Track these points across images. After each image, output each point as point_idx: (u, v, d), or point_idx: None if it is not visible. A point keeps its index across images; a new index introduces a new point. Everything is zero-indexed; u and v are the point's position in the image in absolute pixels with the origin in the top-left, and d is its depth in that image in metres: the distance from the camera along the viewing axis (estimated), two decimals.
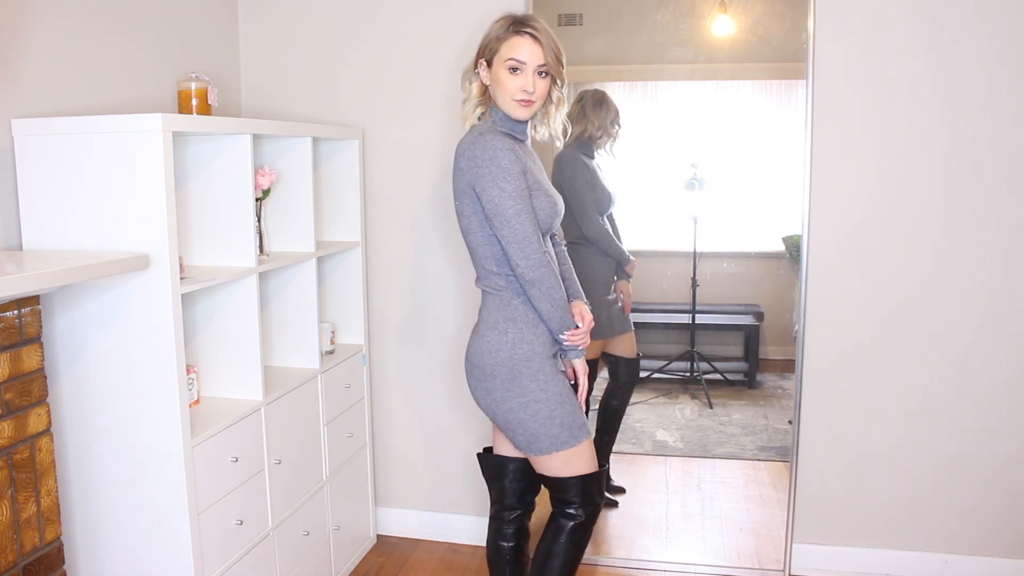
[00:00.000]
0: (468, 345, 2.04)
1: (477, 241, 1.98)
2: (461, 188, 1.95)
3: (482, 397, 2.02)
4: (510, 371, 1.95)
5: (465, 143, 1.95)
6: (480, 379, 2.00)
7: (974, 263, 2.54)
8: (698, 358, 3.41)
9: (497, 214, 1.88)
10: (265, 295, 2.48)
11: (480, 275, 2.03)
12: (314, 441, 2.54)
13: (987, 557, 2.65)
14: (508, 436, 2.03)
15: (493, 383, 1.97)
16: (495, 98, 1.98)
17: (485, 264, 1.99)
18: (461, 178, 1.94)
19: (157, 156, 1.79)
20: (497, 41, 1.94)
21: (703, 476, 3.31)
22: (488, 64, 1.97)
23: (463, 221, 1.98)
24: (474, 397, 2.05)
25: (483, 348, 1.98)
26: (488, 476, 2.18)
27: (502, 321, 1.97)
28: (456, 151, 1.96)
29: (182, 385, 1.88)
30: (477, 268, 2.03)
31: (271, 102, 2.91)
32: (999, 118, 2.46)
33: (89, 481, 1.96)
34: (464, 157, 1.92)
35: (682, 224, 3.21)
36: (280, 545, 2.32)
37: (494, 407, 2.00)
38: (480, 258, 2.00)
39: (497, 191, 1.87)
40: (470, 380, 2.04)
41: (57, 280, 1.59)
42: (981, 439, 2.61)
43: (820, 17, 2.50)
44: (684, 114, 3.16)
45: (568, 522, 2.03)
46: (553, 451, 1.96)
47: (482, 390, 2.01)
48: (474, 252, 2.01)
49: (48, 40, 2.00)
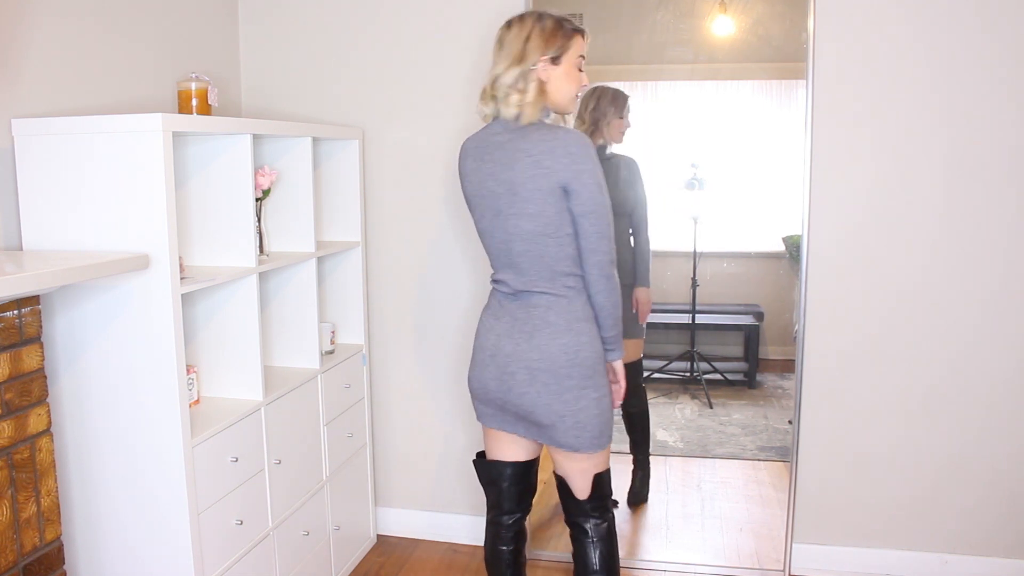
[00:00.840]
0: (524, 351, 1.92)
1: (552, 243, 1.88)
2: (547, 188, 1.85)
3: (547, 401, 1.92)
4: (590, 369, 1.93)
5: (557, 141, 1.85)
6: (548, 383, 1.91)
7: (974, 263, 2.54)
8: (698, 358, 3.42)
9: (595, 210, 1.85)
10: (265, 295, 2.48)
11: (543, 278, 1.92)
12: (314, 441, 2.54)
13: (987, 557, 2.65)
14: (563, 438, 1.94)
15: (568, 383, 1.91)
16: (551, 94, 1.93)
17: (556, 266, 1.90)
18: (549, 178, 1.84)
19: (157, 156, 1.79)
20: (565, 38, 1.91)
21: (703, 476, 3.31)
22: (553, 62, 1.92)
23: (537, 223, 1.87)
24: (526, 402, 1.94)
25: (556, 351, 1.90)
26: (485, 481, 2.16)
27: (575, 322, 1.92)
28: (531, 151, 1.85)
29: (182, 385, 1.88)
30: (539, 271, 1.92)
31: (271, 102, 2.91)
32: (999, 118, 2.46)
33: (89, 481, 1.96)
34: (558, 154, 1.83)
35: (682, 224, 3.21)
36: (280, 545, 2.32)
37: (562, 408, 1.92)
38: (551, 261, 1.90)
39: (596, 187, 1.85)
40: (532, 385, 1.92)
41: (57, 280, 1.59)
42: (981, 439, 2.61)
43: (820, 17, 2.50)
44: (684, 114, 3.16)
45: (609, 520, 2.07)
46: (605, 446, 2.00)
47: (549, 393, 1.91)
48: (543, 255, 1.90)
49: (48, 40, 2.01)
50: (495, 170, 1.91)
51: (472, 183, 1.98)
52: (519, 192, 1.88)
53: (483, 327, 2.05)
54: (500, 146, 1.91)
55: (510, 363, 1.94)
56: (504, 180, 1.89)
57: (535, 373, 1.92)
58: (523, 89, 1.89)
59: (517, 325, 1.95)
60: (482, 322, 2.06)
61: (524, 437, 2.04)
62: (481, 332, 2.05)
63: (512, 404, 1.97)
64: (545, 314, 1.93)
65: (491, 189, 1.92)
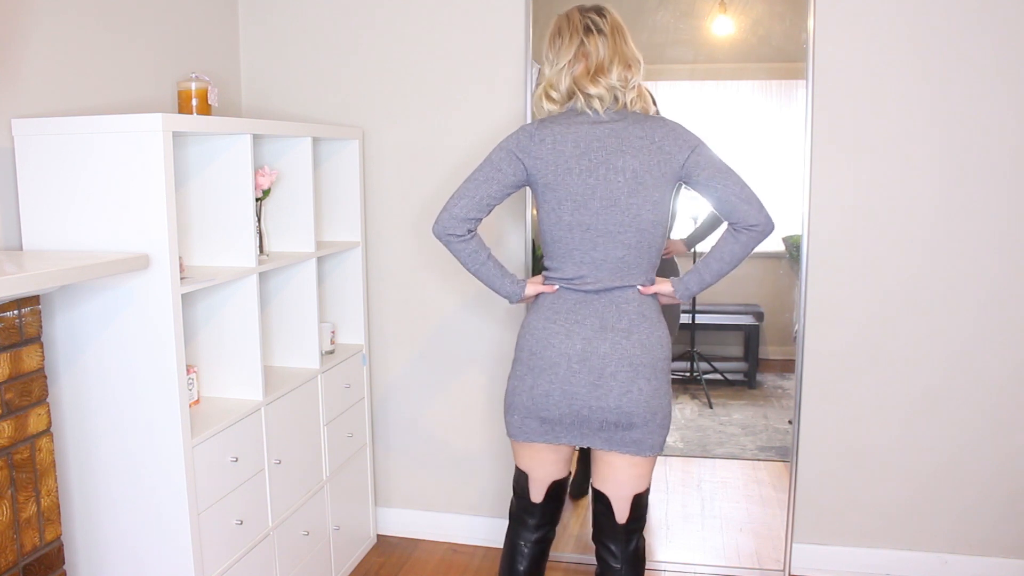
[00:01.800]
0: (625, 348, 1.87)
1: (662, 233, 1.90)
2: (669, 175, 1.87)
3: (648, 397, 1.88)
4: (670, 360, 1.95)
5: (670, 126, 1.88)
6: (649, 378, 1.88)
7: (974, 263, 2.54)
8: (698, 358, 3.41)
9: (729, 170, 1.88)
10: (265, 295, 2.48)
11: (641, 270, 1.91)
12: (314, 441, 2.54)
13: (987, 557, 2.65)
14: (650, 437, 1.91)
15: (663, 377, 1.91)
16: None
17: (655, 258, 1.92)
18: (671, 164, 1.86)
19: (157, 156, 1.79)
20: None
21: (703, 476, 3.30)
22: None
23: (658, 212, 1.88)
24: (627, 402, 1.87)
25: (655, 345, 1.89)
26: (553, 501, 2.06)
27: (660, 314, 1.95)
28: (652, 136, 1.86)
29: (182, 385, 1.88)
30: (638, 264, 1.90)
31: (271, 102, 2.91)
32: (998, 118, 2.46)
33: (89, 481, 1.96)
34: (675, 137, 1.87)
35: (682, 224, 3.21)
36: (280, 545, 2.32)
37: (656, 404, 1.89)
38: (655, 252, 1.92)
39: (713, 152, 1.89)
40: (636, 383, 1.87)
41: (57, 280, 1.59)
42: (980, 439, 2.61)
43: (820, 17, 2.50)
44: (684, 114, 3.15)
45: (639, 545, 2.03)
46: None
47: (651, 389, 1.88)
48: (651, 246, 1.90)
49: (48, 40, 2.01)
50: (610, 158, 1.86)
51: (562, 172, 1.87)
52: (644, 180, 1.86)
53: (554, 332, 1.90)
54: (611, 134, 1.87)
55: (609, 364, 1.86)
56: (624, 168, 1.85)
57: (638, 369, 1.87)
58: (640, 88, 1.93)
59: (609, 323, 1.88)
60: (549, 328, 1.91)
61: (598, 448, 1.94)
62: (552, 339, 1.90)
63: (606, 410, 1.87)
64: (640, 308, 1.91)
65: (602, 179, 1.86)
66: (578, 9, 1.94)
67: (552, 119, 1.93)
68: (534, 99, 1.99)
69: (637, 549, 2.02)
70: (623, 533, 2.00)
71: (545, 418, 1.92)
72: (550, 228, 1.92)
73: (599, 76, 1.87)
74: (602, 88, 1.87)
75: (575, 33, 1.90)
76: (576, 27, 1.90)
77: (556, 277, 1.94)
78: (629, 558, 2.00)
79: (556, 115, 1.93)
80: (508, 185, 1.92)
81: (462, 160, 2.79)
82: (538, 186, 1.91)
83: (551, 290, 1.94)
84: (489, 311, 2.86)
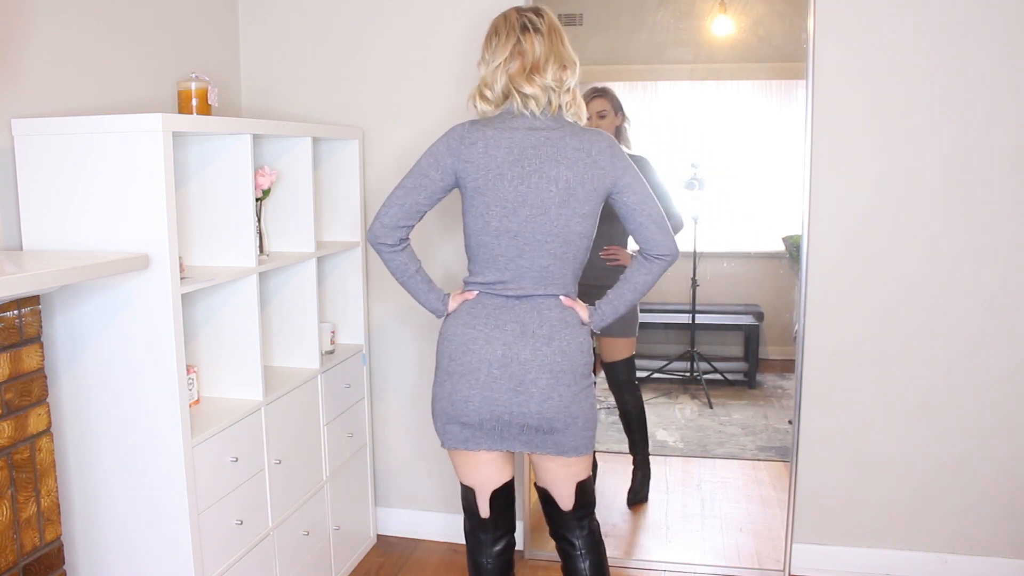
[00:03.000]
0: (546, 355, 1.86)
1: (587, 246, 1.92)
2: (601, 189, 1.87)
3: (568, 403, 1.87)
4: (591, 366, 1.95)
5: (606, 141, 1.89)
6: (570, 384, 1.87)
7: (974, 262, 2.54)
8: (698, 358, 3.42)
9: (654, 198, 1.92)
10: (265, 295, 2.48)
11: (566, 281, 1.91)
12: (314, 441, 2.54)
13: (987, 557, 2.65)
14: (573, 440, 1.91)
15: (584, 383, 1.91)
16: None
17: (577, 269, 1.94)
18: (604, 179, 1.87)
19: (157, 156, 1.79)
20: None
21: (703, 476, 3.31)
22: None
23: (586, 225, 1.89)
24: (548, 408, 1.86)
25: (575, 351, 1.89)
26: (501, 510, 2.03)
27: (579, 320, 1.94)
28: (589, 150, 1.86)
29: (182, 385, 1.88)
30: (562, 274, 1.90)
31: (271, 102, 2.91)
32: (999, 118, 2.46)
33: (89, 481, 1.96)
34: (611, 154, 1.88)
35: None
36: (280, 545, 2.32)
37: (577, 409, 1.89)
38: (579, 264, 1.93)
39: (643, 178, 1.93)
40: (556, 389, 1.86)
41: (57, 280, 1.59)
42: (981, 439, 2.61)
43: (820, 17, 2.50)
44: (684, 114, 3.16)
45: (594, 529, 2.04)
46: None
47: (571, 395, 1.87)
48: (575, 257, 1.91)
49: (48, 40, 2.01)
50: (543, 167, 1.84)
51: (493, 177, 1.84)
52: (576, 192, 1.85)
53: (473, 337, 1.87)
54: (547, 142, 1.85)
55: (530, 370, 1.85)
56: (557, 178, 1.84)
57: (558, 376, 1.86)
58: (575, 92, 1.92)
59: (530, 329, 1.87)
60: (468, 333, 1.88)
61: (520, 451, 1.95)
62: (471, 344, 1.87)
63: (527, 415, 1.87)
64: (562, 315, 1.90)
65: (534, 187, 1.84)
66: (516, 9, 1.93)
67: (486, 121, 1.90)
68: (468, 99, 1.96)
69: (592, 532, 2.04)
70: (573, 519, 2.02)
71: (466, 423, 1.90)
72: (476, 233, 1.89)
73: (534, 75, 1.85)
74: (537, 87, 1.85)
75: (511, 31, 1.88)
76: (513, 25, 1.89)
77: (477, 282, 1.92)
78: (586, 541, 2.03)
79: (491, 117, 1.91)
80: (436, 191, 1.90)
81: None
82: (467, 190, 1.88)
83: (471, 296, 1.93)
84: None
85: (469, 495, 2.04)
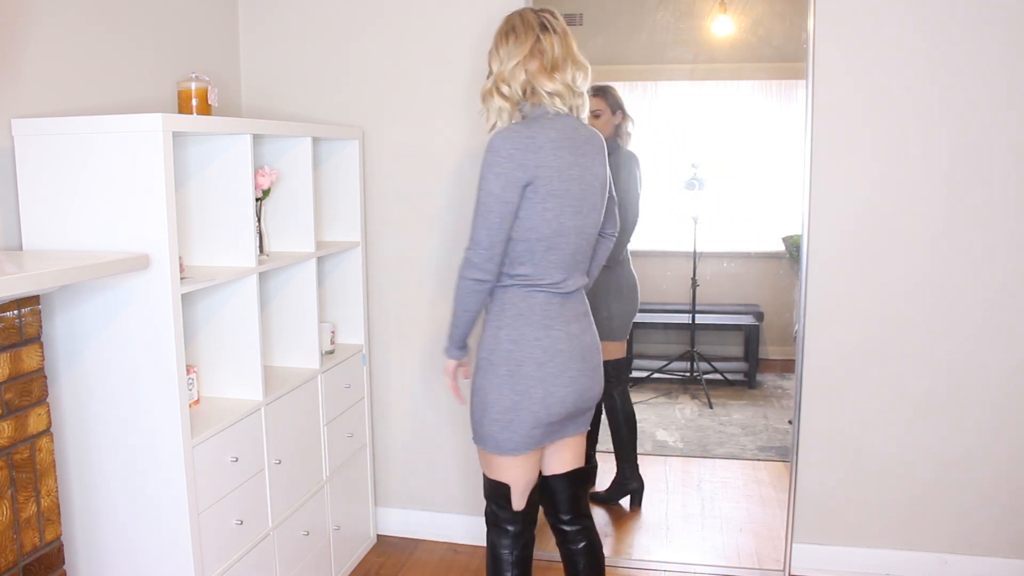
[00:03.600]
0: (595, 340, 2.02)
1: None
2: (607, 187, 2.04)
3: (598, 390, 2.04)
4: None
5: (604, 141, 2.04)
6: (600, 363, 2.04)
7: (974, 262, 2.54)
8: (698, 358, 3.41)
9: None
10: (265, 295, 2.48)
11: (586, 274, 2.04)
12: (314, 441, 2.54)
13: (987, 557, 2.65)
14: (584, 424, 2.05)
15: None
16: None
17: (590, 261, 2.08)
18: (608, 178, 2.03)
19: (157, 156, 1.79)
20: None
21: (703, 476, 3.31)
22: None
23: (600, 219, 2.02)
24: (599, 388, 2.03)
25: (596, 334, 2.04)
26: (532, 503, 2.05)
27: None
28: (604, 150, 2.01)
29: (182, 385, 1.88)
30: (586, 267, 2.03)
31: (271, 102, 2.91)
32: (999, 117, 2.46)
33: (89, 481, 1.96)
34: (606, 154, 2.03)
35: (682, 224, 3.21)
36: (280, 545, 2.32)
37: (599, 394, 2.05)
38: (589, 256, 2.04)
39: None
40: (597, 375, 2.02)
41: (57, 280, 1.59)
42: (981, 439, 2.61)
43: (820, 17, 2.50)
44: (684, 114, 3.16)
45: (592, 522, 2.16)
46: None
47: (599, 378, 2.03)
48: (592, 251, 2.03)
49: (48, 40, 2.00)
50: (590, 165, 1.93)
51: (565, 178, 1.86)
52: (606, 188, 2.01)
53: (558, 338, 1.91)
54: (586, 140, 1.94)
55: (594, 354, 2.00)
56: (598, 175, 1.96)
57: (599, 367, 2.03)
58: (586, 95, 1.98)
59: (584, 319, 2.00)
60: (552, 335, 1.91)
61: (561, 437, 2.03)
62: (558, 344, 1.91)
63: (594, 396, 2.02)
64: (587, 304, 2.04)
65: (589, 185, 1.93)
66: (530, 8, 1.95)
67: (527, 123, 1.88)
68: (482, 94, 1.95)
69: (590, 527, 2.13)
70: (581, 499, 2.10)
71: (552, 422, 1.94)
72: (549, 235, 1.87)
73: (555, 73, 1.88)
74: (559, 84, 1.88)
75: (530, 30, 1.89)
76: (531, 24, 1.90)
77: (545, 283, 1.90)
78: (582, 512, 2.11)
79: (530, 120, 1.90)
80: (516, 211, 1.86)
81: (462, 160, 2.80)
82: (539, 194, 1.84)
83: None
84: None
85: (505, 490, 2.02)
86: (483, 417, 1.95)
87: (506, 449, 1.94)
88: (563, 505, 2.08)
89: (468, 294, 1.90)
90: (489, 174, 1.83)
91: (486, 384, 1.93)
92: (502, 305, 1.93)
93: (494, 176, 1.82)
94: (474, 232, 1.86)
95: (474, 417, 1.98)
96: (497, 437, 1.93)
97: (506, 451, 1.95)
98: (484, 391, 1.94)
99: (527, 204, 1.85)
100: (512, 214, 1.84)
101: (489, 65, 1.96)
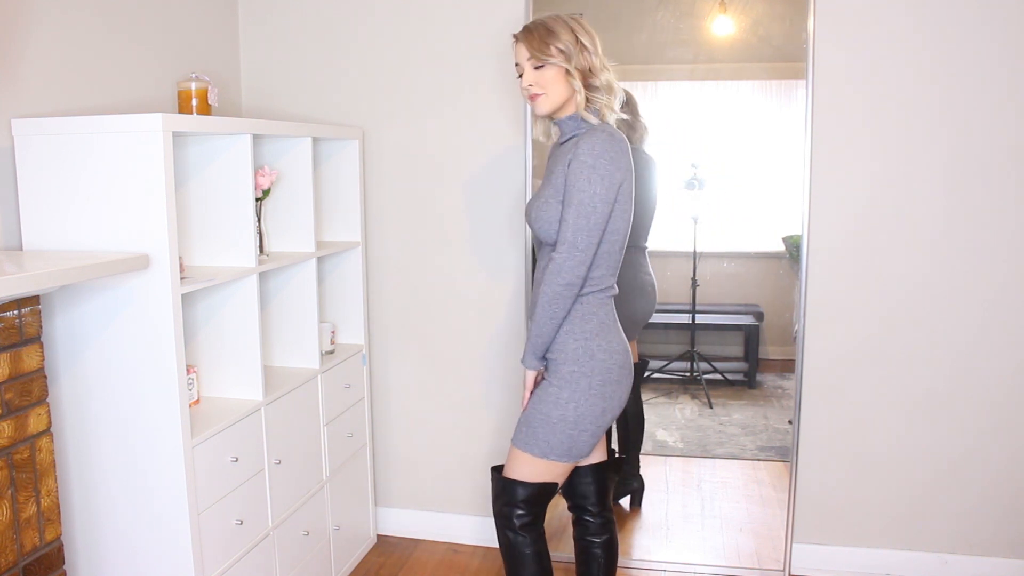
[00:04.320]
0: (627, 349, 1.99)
1: None
2: None
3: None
4: None
5: None
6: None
7: (974, 263, 2.54)
8: (698, 358, 3.41)
9: None
10: (265, 295, 2.48)
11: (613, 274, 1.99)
12: (314, 441, 2.54)
13: (987, 557, 2.65)
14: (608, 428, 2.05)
15: None
16: None
17: None
18: None
19: (157, 156, 1.79)
20: None
21: (703, 476, 3.30)
22: None
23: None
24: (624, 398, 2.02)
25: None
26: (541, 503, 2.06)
27: None
28: None
29: (182, 385, 1.88)
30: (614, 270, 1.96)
31: (271, 102, 2.91)
32: (999, 117, 2.46)
33: (89, 481, 1.96)
34: None
35: (682, 224, 3.21)
36: (280, 545, 2.32)
37: None
38: None
39: None
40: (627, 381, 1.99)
41: (57, 280, 1.59)
42: (981, 439, 2.61)
43: (820, 17, 2.50)
44: (684, 114, 3.16)
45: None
46: None
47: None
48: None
49: (48, 40, 2.01)
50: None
51: (632, 184, 1.90)
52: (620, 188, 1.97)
53: (623, 340, 1.98)
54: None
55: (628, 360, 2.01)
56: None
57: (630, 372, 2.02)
58: None
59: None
60: (624, 341, 1.98)
61: None
62: (624, 348, 1.96)
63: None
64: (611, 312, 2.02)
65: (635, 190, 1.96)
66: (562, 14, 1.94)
67: (603, 127, 1.89)
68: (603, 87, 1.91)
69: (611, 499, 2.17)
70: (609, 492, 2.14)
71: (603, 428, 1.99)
72: (622, 236, 1.91)
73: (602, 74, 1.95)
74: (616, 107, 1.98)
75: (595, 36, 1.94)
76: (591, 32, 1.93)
77: (606, 287, 1.94)
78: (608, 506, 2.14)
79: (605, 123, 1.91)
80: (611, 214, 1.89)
81: (462, 160, 2.80)
82: (624, 194, 1.86)
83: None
84: (489, 311, 2.86)
85: (553, 489, 2.02)
86: (568, 428, 1.90)
87: (576, 455, 1.95)
88: (592, 497, 2.11)
89: (558, 300, 1.85)
90: (594, 176, 1.80)
91: (577, 396, 1.90)
92: (583, 314, 1.90)
93: (599, 178, 1.81)
94: (570, 235, 1.81)
95: (545, 428, 1.91)
96: (573, 443, 1.92)
97: (575, 457, 1.95)
98: (573, 403, 1.90)
99: (615, 212, 1.86)
100: (609, 216, 1.84)
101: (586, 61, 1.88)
